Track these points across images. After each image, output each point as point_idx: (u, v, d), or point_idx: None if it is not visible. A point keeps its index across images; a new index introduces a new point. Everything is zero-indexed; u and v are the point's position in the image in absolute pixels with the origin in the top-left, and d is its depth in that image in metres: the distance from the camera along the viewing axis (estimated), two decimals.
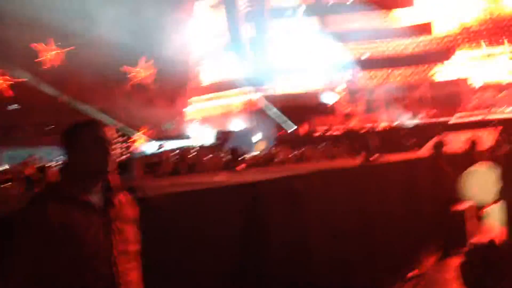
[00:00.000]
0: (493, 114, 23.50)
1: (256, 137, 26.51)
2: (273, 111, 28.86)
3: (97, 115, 26.99)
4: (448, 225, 7.42)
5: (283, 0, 31.60)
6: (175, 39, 31.39)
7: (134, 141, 28.57)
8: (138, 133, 30.13)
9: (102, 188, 2.10)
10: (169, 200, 3.08)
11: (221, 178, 6.08)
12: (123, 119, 28.53)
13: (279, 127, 28.27)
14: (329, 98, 28.01)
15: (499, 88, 24.31)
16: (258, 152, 17.74)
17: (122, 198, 2.17)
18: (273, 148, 20.15)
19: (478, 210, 9.37)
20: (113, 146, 2.15)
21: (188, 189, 3.91)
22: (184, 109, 34.14)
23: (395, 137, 18.83)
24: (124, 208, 2.15)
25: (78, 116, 27.40)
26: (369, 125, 25.60)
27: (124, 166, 2.32)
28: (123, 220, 2.12)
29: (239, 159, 8.65)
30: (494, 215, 5.61)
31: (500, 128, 15.30)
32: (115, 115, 28.25)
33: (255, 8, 27.37)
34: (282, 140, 24.82)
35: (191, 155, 11.41)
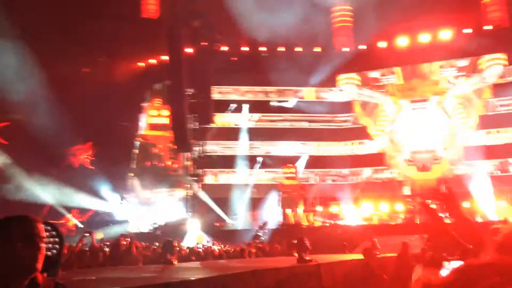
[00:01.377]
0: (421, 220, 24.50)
1: (192, 228, 26.06)
2: (211, 202, 28.72)
3: (29, 191, 25.83)
4: None
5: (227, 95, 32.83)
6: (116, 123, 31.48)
7: (64, 226, 27.29)
8: (69, 216, 28.90)
9: (27, 287, 2.01)
10: None
11: (152, 272, 5.88)
12: (56, 198, 27.42)
13: (217, 218, 28.00)
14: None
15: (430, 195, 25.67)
16: (194, 244, 17.35)
17: None
18: (209, 241, 19.81)
19: None
20: (44, 242, 2.10)
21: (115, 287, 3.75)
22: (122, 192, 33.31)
23: (331, 237, 19.07)
24: None
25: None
26: (305, 223, 25.88)
27: (51, 261, 2.20)
28: None
29: (174, 251, 8.42)
30: None
31: (426, 235, 15.90)
32: (50, 194, 27.10)
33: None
34: (218, 233, 24.51)
35: (123, 244, 10.97)
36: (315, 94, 33.18)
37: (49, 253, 2.43)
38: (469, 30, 29.89)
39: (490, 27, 29.74)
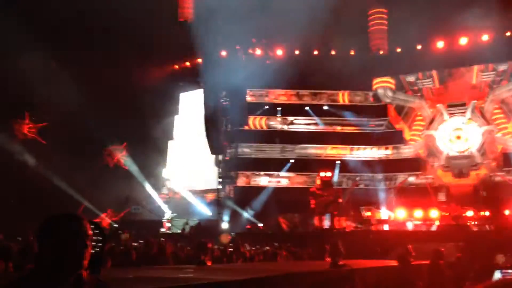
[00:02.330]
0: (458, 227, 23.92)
1: (223, 228, 26.16)
2: (243, 204, 28.78)
3: (65, 191, 26.35)
4: None
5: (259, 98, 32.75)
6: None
7: (100, 224, 27.77)
8: (103, 216, 29.42)
9: (73, 283, 2.07)
10: None
11: (189, 273, 5.95)
12: (91, 198, 27.95)
13: (248, 221, 28.04)
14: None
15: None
16: (225, 245, 17.42)
17: None
18: (240, 243, 19.81)
19: None
20: (91, 241, 2.17)
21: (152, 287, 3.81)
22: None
23: (363, 242, 18.84)
24: None
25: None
26: (339, 227, 25.60)
27: (94, 258, 2.27)
28: None
29: (207, 252, 8.49)
30: None
31: (461, 243, 15.49)
32: (83, 194, 27.66)
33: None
34: (250, 234, 24.51)
35: (156, 244, 11.11)
36: (348, 97, 32.85)
37: (93, 250, 2.49)
38: (509, 33, 29.02)
39: None
